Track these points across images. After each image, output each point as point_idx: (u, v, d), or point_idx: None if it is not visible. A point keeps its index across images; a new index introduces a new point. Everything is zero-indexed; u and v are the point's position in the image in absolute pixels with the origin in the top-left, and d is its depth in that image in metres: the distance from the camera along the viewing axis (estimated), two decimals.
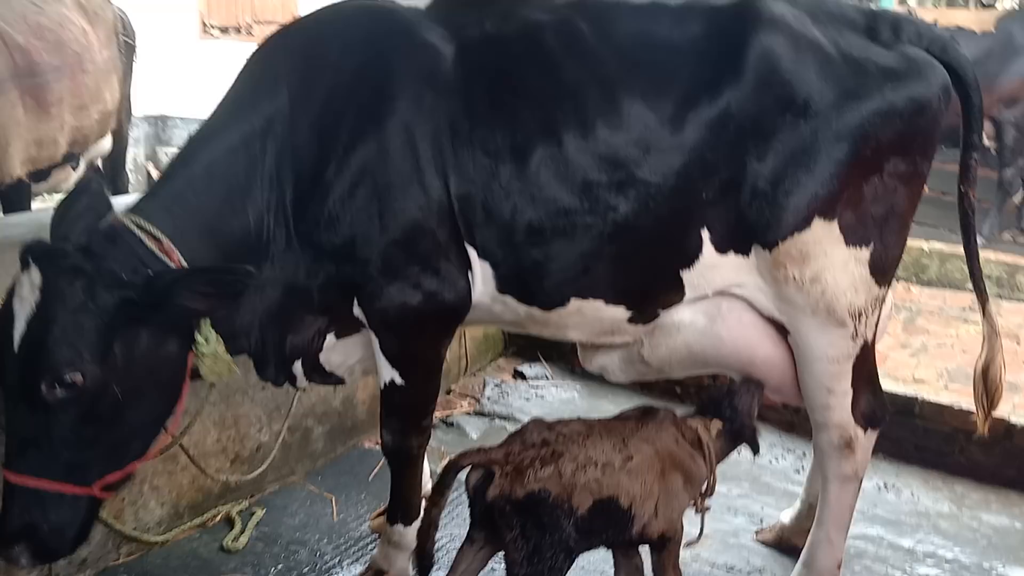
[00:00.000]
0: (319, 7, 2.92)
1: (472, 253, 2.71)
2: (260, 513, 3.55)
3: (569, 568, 2.45)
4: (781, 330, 2.86)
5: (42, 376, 2.27)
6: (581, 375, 5.04)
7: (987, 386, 3.02)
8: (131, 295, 2.34)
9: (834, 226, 2.67)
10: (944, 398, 4.26)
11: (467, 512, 2.56)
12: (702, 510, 2.78)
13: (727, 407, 2.82)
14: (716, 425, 2.79)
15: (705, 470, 2.73)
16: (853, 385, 2.85)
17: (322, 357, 2.93)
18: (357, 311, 2.78)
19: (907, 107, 2.66)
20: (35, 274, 2.29)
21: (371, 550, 3.36)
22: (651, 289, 2.82)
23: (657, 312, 2.85)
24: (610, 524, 2.50)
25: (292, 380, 2.98)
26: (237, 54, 3.06)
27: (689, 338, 2.88)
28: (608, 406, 4.40)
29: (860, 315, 2.78)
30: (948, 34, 3.23)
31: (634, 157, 2.61)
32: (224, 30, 10.59)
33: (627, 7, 2.80)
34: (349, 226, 2.63)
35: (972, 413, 4.08)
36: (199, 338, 2.52)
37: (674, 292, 2.80)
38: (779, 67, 2.61)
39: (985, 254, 6.55)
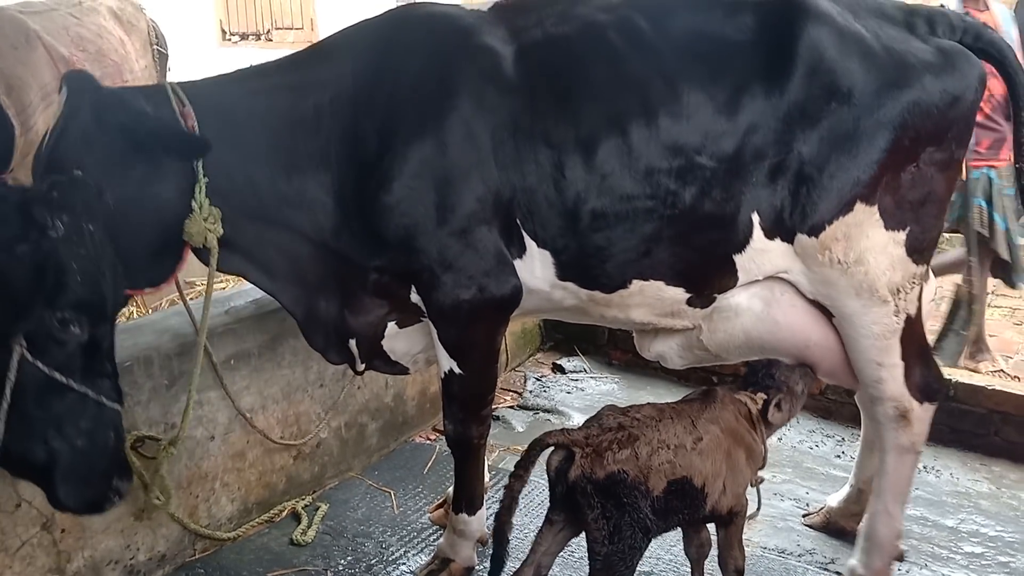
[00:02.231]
0: (344, 9, 3.02)
1: (531, 243, 2.82)
2: (324, 508, 3.66)
3: (646, 548, 2.55)
4: (826, 313, 2.96)
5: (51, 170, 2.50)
6: (618, 367, 5.16)
7: None
8: (125, 119, 2.58)
9: (874, 210, 2.80)
10: (977, 380, 4.36)
11: (530, 502, 2.65)
12: (756, 483, 2.90)
13: (768, 378, 2.94)
14: (760, 397, 2.91)
15: (759, 442, 2.85)
16: (904, 359, 2.95)
17: (386, 345, 3.06)
18: (415, 298, 2.89)
19: (943, 98, 2.78)
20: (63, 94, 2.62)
21: (434, 541, 3.47)
22: (708, 272, 2.93)
23: (714, 296, 2.96)
24: (685, 504, 2.61)
25: (349, 360, 3.10)
26: (257, 60, 3.13)
27: (747, 323, 2.99)
28: (647, 397, 4.49)
29: (899, 291, 2.89)
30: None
31: (693, 144, 2.74)
32: (244, 36, 10.66)
33: (683, 3, 2.93)
34: (406, 216, 2.73)
35: (1005, 393, 4.27)
36: (194, 204, 2.66)
37: (728, 275, 2.91)
38: (825, 57, 2.73)
39: None
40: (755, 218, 2.82)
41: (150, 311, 4.77)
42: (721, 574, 2.87)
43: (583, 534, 2.59)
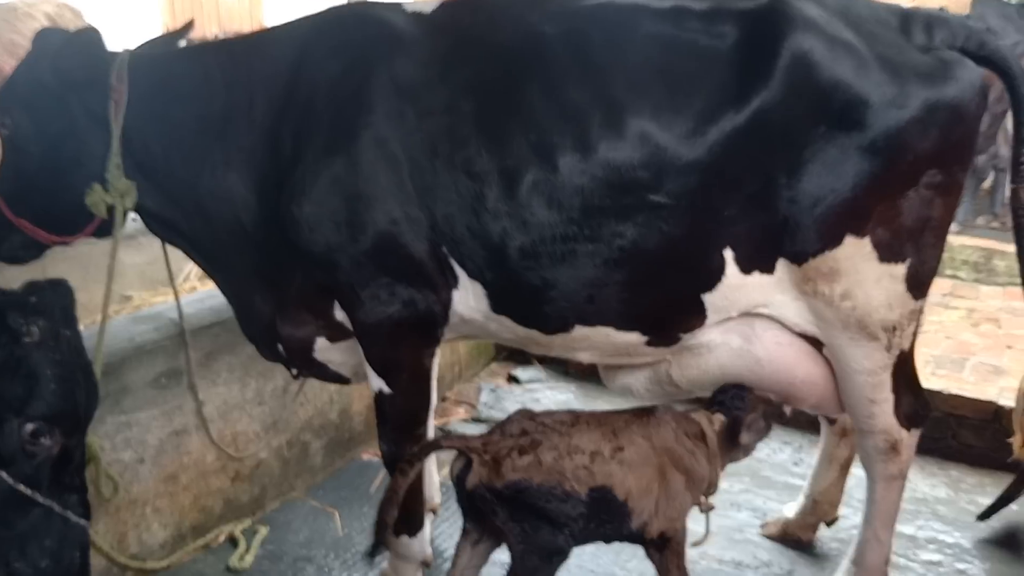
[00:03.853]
0: (293, 14, 2.93)
1: (461, 272, 2.65)
2: (264, 531, 3.51)
3: (568, 549, 2.46)
4: (815, 343, 2.74)
5: None
6: (575, 376, 5.05)
7: None
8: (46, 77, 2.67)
9: (866, 242, 2.54)
10: (934, 384, 4.31)
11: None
12: (707, 509, 2.75)
13: (731, 401, 2.77)
14: (719, 419, 2.75)
15: (707, 467, 2.69)
16: (894, 391, 2.77)
17: (321, 356, 2.93)
18: (340, 316, 2.77)
19: (944, 116, 2.49)
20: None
21: (378, 563, 3.33)
22: (668, 315, 2.69)
23: (678, 336, 2.74)
24: (608, 516, 2.50)
25: (282, 362, 3.01)
26: None
27: (723, 359, 2.76)
28: (604, 406, 4.34)
29: (894, 329, 2.66)
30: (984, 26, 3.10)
31: (644, 179, 2.46)
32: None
33: (648, 12, 2.58)
34: (317, 232, 2.61)
35: (961, 398, 4.23)
36: (108, 176, 2.70)
37: (694, 316, 2.67)
38: (812, 74, 2.43)
39: (960, 239, 6.69)
40: (728, 254, 2.55)
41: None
42: None
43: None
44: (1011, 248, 5.83)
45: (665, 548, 2.62)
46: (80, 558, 2.21)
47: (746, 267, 2.59)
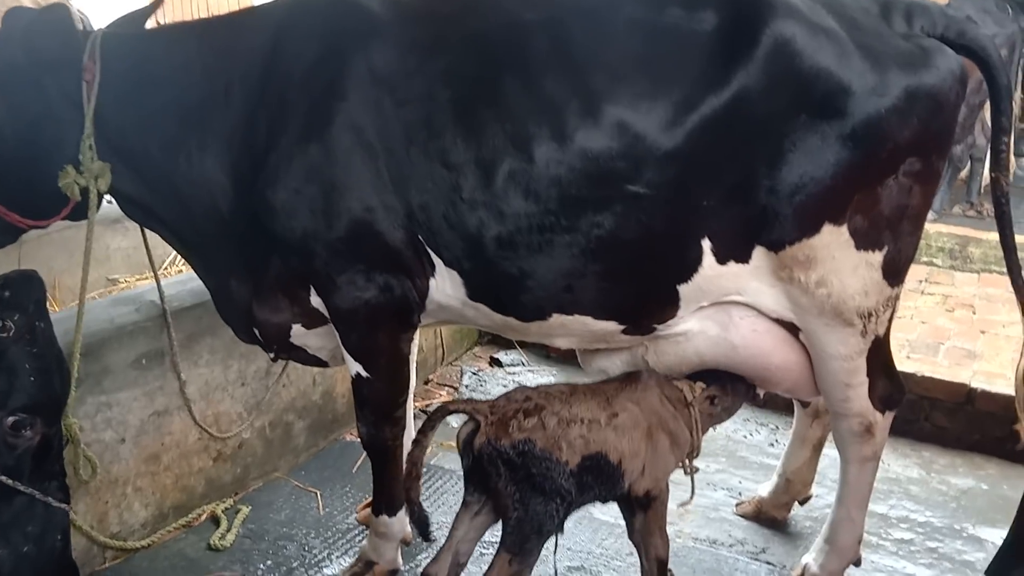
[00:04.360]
0: None
1: (438, 261, 2.66)
2: (245, 510, 3.53)
3: (562, 518, 2.51)
4: (791, 328, 2.75)
5: None
6: (556, 360, 5.10)
7: None
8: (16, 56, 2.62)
9: (843, 230, 2.54)
10: (908, 367, 4.38)
11: (455, 499, 2.59)
12: (691, 471, 2.83)
13: (712, 374, 2.86)
14: (700, 387, 2.83)
15: (688, 432, 2.78)
16: (869, 375, 2.79)
17: (298, 341, 2.94)
18: (316, 302, 2.77)
19: (924, 104, 2.48)
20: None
21: (359, 542, 3.37)
22: (643, 305, 2.70)
23: (653, 327, 2.76)
24: (601, 480, 2.56)
25: (260, 344, 3.01)
26: None
27: (700, 346, 2.78)
28: None
29: (870, 315, 2.67)
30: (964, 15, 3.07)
31: (623, 170, 2.44)
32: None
33: (629, 1, 2.56)
34: (293, 219, 2.62)
35: (934, 380, 4.31)
36: (81, 157, 2.67)
37: (668, 307, 2.68)
38: (794, 63, 2.41)
39: (936, 227, 6.77)
40: (706, 244, 2.55)
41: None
42: (643, 564, 2.81)
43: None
44: (986, 236, 5.90)
45: (649, 507, 2.69)
46: (61, 541, 2.24)
47: (723, 257, 2.58)
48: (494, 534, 2.61)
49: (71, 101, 2.68)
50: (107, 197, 2.86)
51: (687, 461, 2.82)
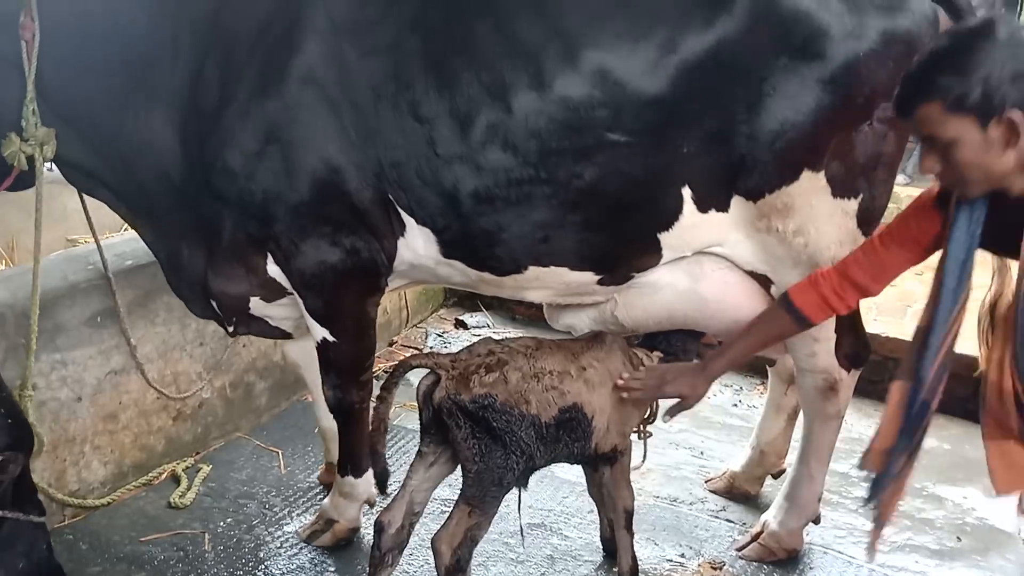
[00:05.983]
0: None
1: (409, 220, 2.59)
2: (206, 469, 3.52)
3: (526, 471, 2.51)
4: (764, 282, 2.75)
5: None
6: (522, 322, 5.10)
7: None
8: None
9: (821, 177, 2.53)
10: (875, 328, 4.41)
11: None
12: (645, 436, 2.85)
13: (666, 340, 2.87)
14: (657, 356, 2.83)
15: None
16: (836, 331, 2.80)
17: (258, 312, 2.86)
18: (273, 271, 2.68)
19: (899, 48, 2.47)
20: None
21: (320, 501, 3.36)
22: (624, 254, 2.68)
23: (631, 275, 2.73)
24: (573, 435, 2.56)
25: (216, 319, 2.93)
26: None
27: (669, 298, 2.76)
28: None
29: None
30: None
31: (602, 118, 2.40)
32: None
33: None
34: (251, 181, 2.51)
35: (900, 341, 4.32)
36: (24, 123, 2.52)
37: (650, 255, 2.66)
38: (775, 4, 2.40)
39: (908, 191, 6.78)
40: (686, 192, 2.52)
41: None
42: (611, 516, 2.85)
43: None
44: None
45: (616, 462, 2.72)
46: (46, 549, 2.29)
47: (703, 205, 2.57)
48: (453, 491, 2.60)
49: (9, 63, 2.51)
50: (48, 164, 2.70)
51: (642, 426, 2.83)
